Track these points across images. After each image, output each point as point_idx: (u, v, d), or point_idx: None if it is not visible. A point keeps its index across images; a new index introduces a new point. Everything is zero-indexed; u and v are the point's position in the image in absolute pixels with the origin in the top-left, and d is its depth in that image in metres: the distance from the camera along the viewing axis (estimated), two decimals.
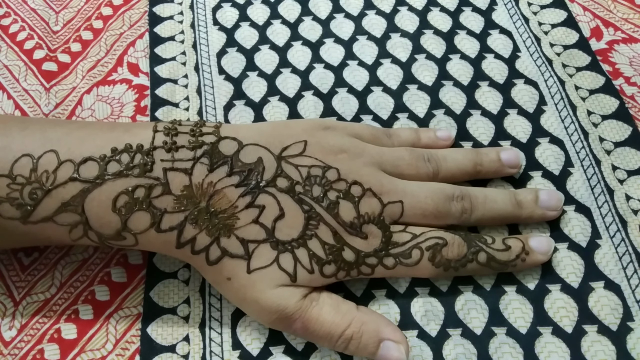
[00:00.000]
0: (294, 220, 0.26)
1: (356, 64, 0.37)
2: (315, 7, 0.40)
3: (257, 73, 0.36)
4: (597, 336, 0.27)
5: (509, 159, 0.31)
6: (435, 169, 0.29)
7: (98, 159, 0.25)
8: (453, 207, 0.28)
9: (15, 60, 0.37)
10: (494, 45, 0.37)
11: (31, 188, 0.25)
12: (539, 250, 0.28)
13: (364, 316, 0.26)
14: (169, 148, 0.26)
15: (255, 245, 0.25)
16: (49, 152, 0.25)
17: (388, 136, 0.31)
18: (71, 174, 0.25)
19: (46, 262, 0.30)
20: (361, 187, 0.26)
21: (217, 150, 0.26)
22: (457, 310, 0.28)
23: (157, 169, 0.25)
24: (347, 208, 0.26)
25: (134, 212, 0.25)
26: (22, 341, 0.27)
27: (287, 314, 0.25)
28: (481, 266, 0.27)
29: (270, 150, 0.26)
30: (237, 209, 0.25)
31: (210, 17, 0.39)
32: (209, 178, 0.25)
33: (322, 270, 0.25)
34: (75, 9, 0.40)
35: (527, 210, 0.29)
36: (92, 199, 0.25)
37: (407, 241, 0.26)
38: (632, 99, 0.34)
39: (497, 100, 0.34)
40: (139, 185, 0.25)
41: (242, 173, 0.26)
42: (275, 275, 0.25)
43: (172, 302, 0.28)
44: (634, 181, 0.31)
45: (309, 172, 0.26)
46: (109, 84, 0.36)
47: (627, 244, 0.29)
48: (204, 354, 0.27)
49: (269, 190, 0.26)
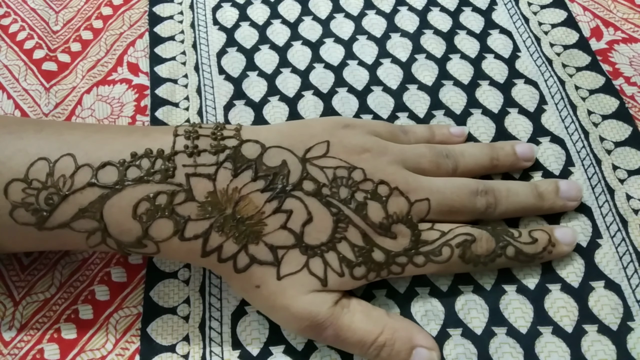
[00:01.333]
0: (322, 223, 0.25)
1: (356, 64, 0.37)
2: (315, 7, 0.40)
3: (257, 73, 0.36)
4: (597, 336, 0.27)
5: (524, 152, 0.31)
6: (454, 165, 0.29)
7: (117, 163, 0.24)
8: (478, 202, 0.28)
9: (15, 60, 0.37)
10: (494, 45, 0.37)
11: (47, 193, 0.24)
12: (564, 242, 0.28)
13: (395, 323, 0.25)
14: (191, 152, 0.25)
15: (285, 251, 0.25)
16: (65, 156, 0.24)
17: (404, 133, 0.30)
18: (89, 179, 0.24)
19: (46, 262, 0.30)
20: (388, 187, 0.26)
21: (240, 154, 0.25)
22: (457, 310, 0.28)
23: (179, 175, 0.24)
24: (376, 208, 0.25)
25: (155, 220, 0.24)
26: (22, 341, 0.27)
27: (319, 321, 0.24)
28: (510, 260, 0.27)
29: (293, 152, 0.26)
30: (264, 214, 0.25)
31: (210, 17, 0.39)
32: (233, 183, 0.25)
33: (352, 273, 0.25)
34: (75, 9, 0.40)
35: (548, 202, 0.29)
36: (111, 206, 0.24)
37: (436, 239, 0.26)
38: (632, 99, 0.34)
39: (498, 100, 0.34)
40: (161, 191, 0.24)
41: (267, 177, 0.25)
42: (306, 281, 0.25)
43: (172, 302, 0.28)
44: (634, 181, 0.31)
45: (335, 173, 0.26)
46: (108, 84, 0.36)
47: (627, 243, 0.29)
48: (204, 354, 0.27)
49: (296, 194, 0.25)
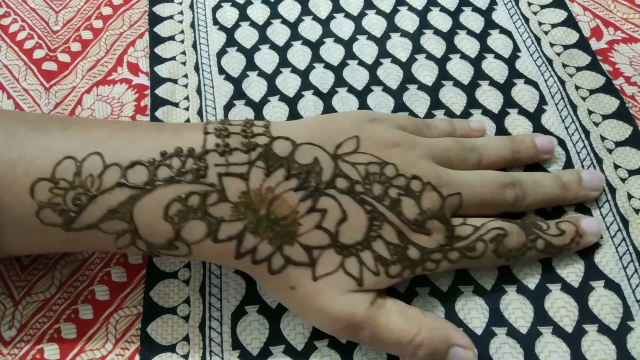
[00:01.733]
0: (357, 222, 0.24)
1: (356, 64, 0.37)
2: (315, 6, 0.40)
3: (257, 73, 0.36)
4: (597, 335, 0.27)
5: (544, 144, 0.31)
6: (478, 158, 0.29)
7: (147, 163, 0.23)
8: (507, 194, 0.28)
9: (15, 59, 0.37)
10: (494, 45, 0.37)
11: (75, 193, 0.23)
12: (590, 232, 0.28)
13: (432, 322, 0.25)
14: (223, 151, 0.24)
15: (320, 252, 0.24)
16: (93, 155, 0.23)
17: (427, 127, 0.30)
18: (118, 179, 0.23)
19: (46, 261, 0.30)
20: (420, 182, 0.26)
21: (272, 152, 0.24)
22: (457, 310, 0.28)
23: (211, 175, 0.24)
24: (410, 205, 0.25)
25: (188, 221, 0.23)
26: (21, 341, 0.27)
27: (356, 322, 0.24)
28: (539, 252, 0.27)
29: (324, 148, 0.25)
30: (299, 214, 0.24)
31: (210, 17, 0.39)
32: (266, 183, 0.24)
33: (387, 272, 0.25)
34: (75, 9, 0.40)
35: (572, 193, 0.29)
36: (141, 207, 0.23)
37: (469, 234, 0.26)
38: (632, 99, 0.34)
39: (498, 100, 0.34)
40: (193, 192, 0.23)
41: (300, 175, 0.24)
42: (342, 281, 0.24)
43: (172, 301, 0.28)
44: (635, 180, 0.31)
45: (367, 169, 0.25)
46: (108, 84, 0.36)
47: (627, 243, 0.29)
48: (204, 354, 0.27)
49: (330, 192, 0.24)
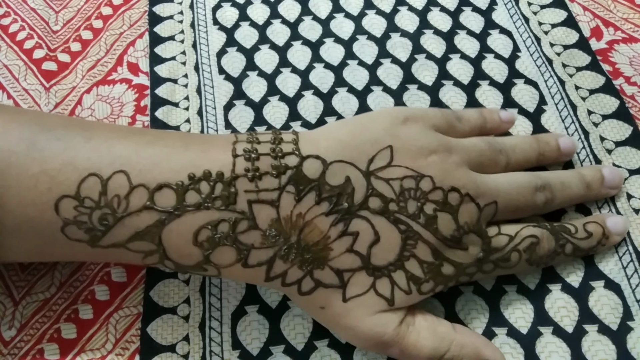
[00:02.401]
0: (390, 243, 0.24)
1: (356, 64, 0.37)
2: (315, 6, 0.40)
3: (257, 73, 0.36)
4: (597, 336, 0.27)
5: (566, 147, 0.31)
6: (507, 160, 0.29)
7: (175, 186, 0.23)
8: (538, 198, 0.27)
9: (15, 59, 0.37)
10: (494, 45, 0.37)
11: (101, 213, 0.23)
12: (615, 232, 0.28)
13: (462, 338, 0.25)
14: (252, 177, 0.23)
15: (351, 274, 0.24)
16: (118, 173, 0.23)
17: (458, 120, 0.29)
18: (145, 202, 0.23)
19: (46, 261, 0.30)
20: (459, 194, 0.25)
21: (302, 174, 0.23)
22: (457, 310, 0.28)
23: (241, 201, 0.23)
24: (446, 221, 0.24)
25: (217, 247, 0.23)
26: (21, 341, 0.27)
27: (385, 341, 0.24)
28: (567, 256, 0.28)
29: (356, 165, 0.24)
30: (330, 239, 0.23)
31: (210, 17, 0.39)
32: (297, 209, 0.23)
33: (420, 289, 0.24)
34: (75, 9, 0.40)
35: (594, 192, 0.29)
36: (170, 231, 0.23)
37: (505, 245, 0.26)
38: (632, 99, 0.34)
39: (498, 100, 0.34)
40: (223, 219, 0.23)
41: (332, 198, 0.23)
42: (372, 302, 0.24)
43: (172, 301, 0.28)
44: (635, 180, 0.31)
45: (402, 185, 0.24)
46: (108, 84, 0.36)
47: (627, 243, 0.29)
48: (204, 354, 0.27)
49: (362, 213, 0.24)
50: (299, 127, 0.34)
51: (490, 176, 0.27)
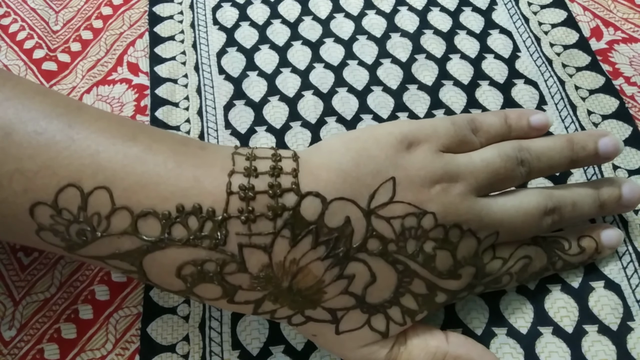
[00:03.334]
0: (386, 282, 0.23)
1: (356, 64, 0.37)
2: (315, 6, 0.40)
3: (257, 73, 0.36)
4: (597, 336, 0.27)
5: (607, 149, 0.27)
6: (527, 172, 0.26)
7: (161, 216, 0.21)
8: (544, 223, 0.26)
9: (15, 59, 0.37)
10: (494, 45, 0.37)
11: (79, 227, 0.21)
12: (608, 245, 0.28)
13: (456, 349, 0.24)
14: (246, 219, 0.21)
15: (345, 312, 0.23)
16: (101, 189, 0.21)
17: (475, 132, 0.26)
18: (127, 227, 0.21)
19: (46, 261, 0.30)
20: (460, 230, 0.23)
21: (300, 217, 0.22)
22: (457, 310, 0.28)
23: (231, 243, 0.21)
24: (444, 257, 0.23)
25: (202, 283, 0.22)
26: (21, 341, 0.27)
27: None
28: (556, 271, 0.28)
29: (357, 203, 0.22)
30: (324, 283, 0.22)
31: (210, 17, 0.39)
32: (291, 255, 0.22)
33: (413, 319, 0.24)
34: (75, 9, 0.40)
35: (607, 210, 0.28)
36: (152, 259, 0.21)
37: (498, 269, 0.25)
38: (632, 99, 0.34)
39: (498, 100, 0.34)
40: (210, 259, 0.21)
41: (329, 242, 0.22)
42: (367, 336, 0.24)
43: (172, 301, 0.28)
44: (635, 180, 0.31)
45: (403, 224, 0.23)
46: (108, 84, 0.36)
47: (627, 243, 0.29)
48: (204, 354, 0.27)
49: (360, 256, 0.22)
50: (299, 127, 0.34)
51: (498, 201, 0.25)
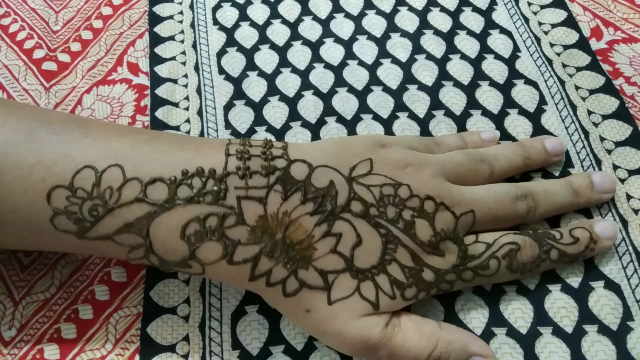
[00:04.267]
0: (372, 246, 0.25)
1: (356, 64, 0.37)
2: (315, 6, 0.40)
3: (257, 73, 0.36)
4: (597, 336, 0.27)
5: (554, 147, 0.31)
6: (490, 169, 0.29)
7: (168, 180, 0.23)
8: (519, 206, 0.27)
9: (15, 59, 0.37)
10: (494, 46, 0.37)
11: (92, 204, 0.23)
12: (605, 236, 0.28)
13: (449, 335, 0.25)
14: (243, 174, 0.24)
15: (335, 276, 0.24)
16: (113, 167, 0.23)
17: (437, 145, 0.30)
18: (137, 195, 0.23)
19: (46, 261, 0.30)
20: (434, 202, 0.26)
21: (290, 176, 0.24)
22: (457, 310, 0.28)
23: (230, 197, 0.24)
24: (424, 227, 0.25)
25: (204, 242, 0.23)
26: (21, 341, 0.27)
27: (372, 344, 0.24)
28: (554, 263, 0.27)
29: (339, 171, 0.25)
30: (314, 238, 0.24)
31: (210, 17, 0.39)
32: (283, 207, 0.24)
33: (403, 295, 0.25)
34: (75, 9, 0.40)
35: (584, 198, 0.29)
36: (159, 224, 0.23)
37: (482, 252, 0.26)
38: (632, 99, 0.34)
39: (498, 100, 0.34)
40: (212, 213, 0.23)
41: (316, 199, 0.24)
42: (358, 305, 0.24)
43: (172, 301, 0.28)
44: (634, 180, 0.31)
45: (382, 191, 0.25)
46: (108, 84, 0.36)
47: (627, 243, 0.29)
48: (204, 354, 0.27)
49: (345, 216, 0.24)
50: (299, 127, 0.34)
51: (468, 187, 0.27)
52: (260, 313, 0.28)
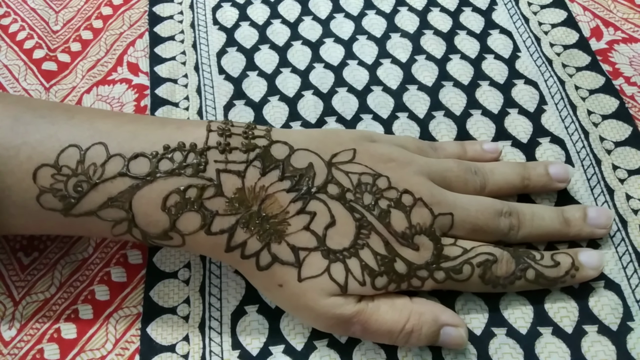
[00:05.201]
0: (345, 228, 0.25)
1: (356, 64, 0.37)
2: (315, 6, 0.40)
3: (257, 73, 0.36)
4: (597, 336, 0.27)
5: (558, 173, 0.29)
6: (482, 183, 0.29)
7: (150, 155, 0.24)
8: (502, 223, 0.27)
9: (15, 59, 0.37)
10: (494, 46, 0.37)
11: (77, 180, 0.24)
12: (589, 266, 0.27)
13: (420, 307, 0.26)
14: (223, 149, 0.25)
15: (306, 253, 0.25)
16: (97, 145, 0.24)
17: (433, 149, 0.30)
18: (120, 169, 0.24)
19: (46, 261, 0.30)
20: (412, 197, 0.26)
21: (270, 154, 0.25)
22: (457, 310, 0.28)
23: (210, 170, 0.25)
24: (399, 217, 0.25)
25: (184, 213, 0.24)
26: (21, 341, 0.27)
27: (345, 319, 0.25)
28: (529, 283, 0.27)
29: (320, 156, 0.26)
30: (289, 214, 0.25)
31: (210, 17, 0.39)
32: (261, 182, 0.25)
33: (373, 283, 0.25)
34: (75, 9, 0.40)
35: (575, 229, 0.28)
36: (141, 196, 0.24)
37: (458, 255, 0.26)
38: (632, 99, 0.34)
39: (498, 100, 0.34)
40: (192, 185, 0.24)
41: (294, 178, 0.25)
42: (326, 286, 0.25)
43: (172, 301, 0.28)
44: (634, 181, 0.31)
45: (360, 179, 0.26)
46: (108, 84, 0.36)
47: (627, 243, 0.29)
48: (204, 354, 0.27)
49: (320, 196, 0.25)
50: (298, 127, 0.34)
51: (454, 193, 0.27)
52: (260, 313, 0.28)
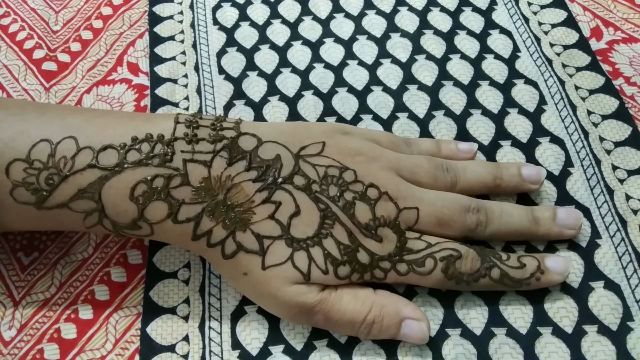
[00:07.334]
0: (309, 218, 0.26)
1: (356, 64, 0.37)
2: (315, 6, 0.40)
3: (257, 73, 0.36)
4: (597, 336, 0.27)
5: (530, 174, 0.30)
6: (453, 180, 0.29)
7: (118, 147, 0.25)
8: (468, 218, 0.27)
9: (15, 59, 0.37)
10: (494, 46, 0.37)
11: (48, 173, 0.24)
12: (555, 271, 0.27)
13: (382, 299, 0.26)
14: (190, 140, 0.26)
15: (270, 242, 0.25)
16: (67, 139, 0.25)
17: (407, 145, 0.30)
18: (90, 161, 0.25)
19: (46, 261, 0.30)
20: (377, 190, 0.26)
21: (237, 145, 0.26)
22: (456, 310, 0.28)
23: (177, 160, 0.25)
24: (363, 209, 0.26)
25: (151, 202, 0.25)
26: (21, 341, 0.27)
27: (307, 307, 0.25)
28: (494, 282, 0.27)
29: (288, 148, 0.27)
30: (254, 203, 0.25)
31: (210, 17, 0.39)
32: (227, 171, 0.25)
33: (336, 272, 0.25)
34: (75, 9, 0.40)
35: (544, 228, 0.28)
36: (109, 187, 0.25)
37: (421, 249, 0.26)
38: (632, 99, 0.34)
39: (498, 100, 0.34)
40: (158, 174, 0.25)
41: (260, 168, 0.26)
42: (290, 274, 0.25)
43: (172, 301, 0.28)
44: (634, 181, 0.31)
45: (326, 172, 0.26)
46: (108, 84, 0.36)
47: (626, 243, 0.29)
48: (204, 354, 0.27)
49: (286, 187, 0.26)
50: None
51: (421, 188, 0.28)
52: (260, 313, 0.28)
